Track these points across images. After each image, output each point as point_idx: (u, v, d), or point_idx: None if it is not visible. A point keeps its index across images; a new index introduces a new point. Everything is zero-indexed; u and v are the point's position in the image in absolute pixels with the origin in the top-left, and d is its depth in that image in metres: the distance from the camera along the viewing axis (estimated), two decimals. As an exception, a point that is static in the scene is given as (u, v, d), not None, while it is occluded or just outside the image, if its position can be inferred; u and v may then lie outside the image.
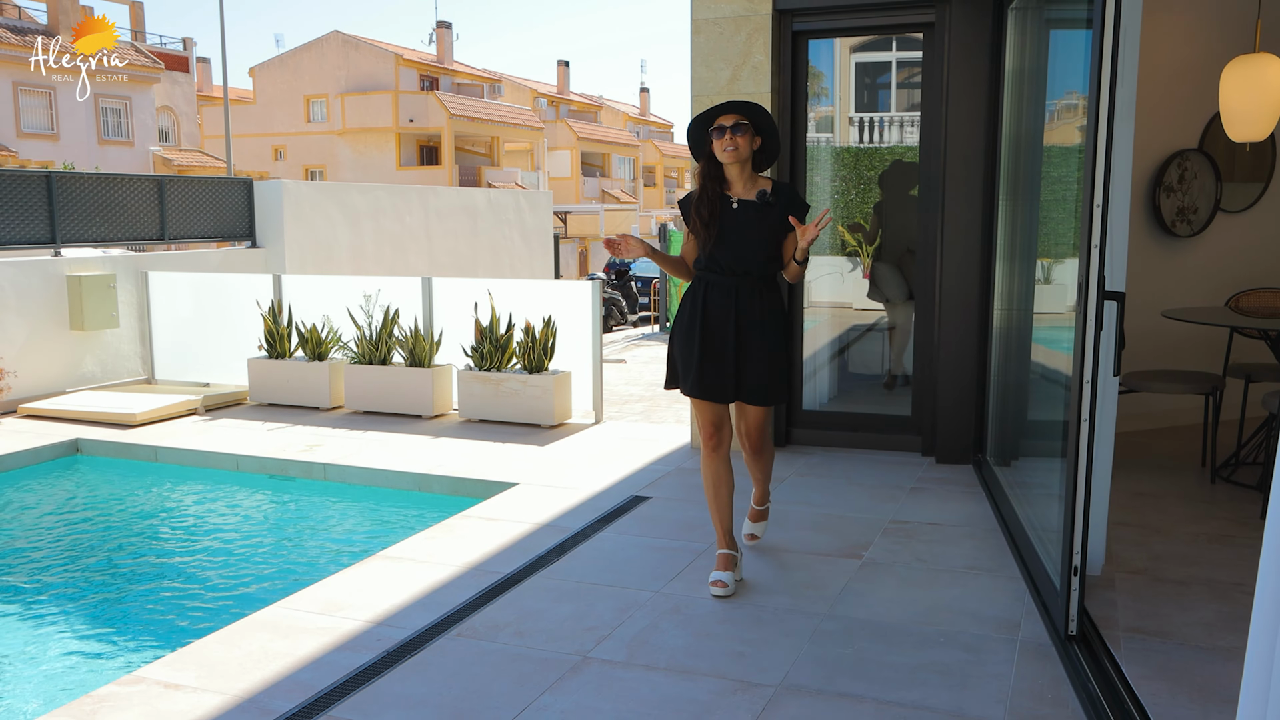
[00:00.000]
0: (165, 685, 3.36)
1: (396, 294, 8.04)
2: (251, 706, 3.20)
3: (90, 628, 4.49)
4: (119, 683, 3.40)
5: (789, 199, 3.97)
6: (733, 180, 3.98)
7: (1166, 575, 4.13)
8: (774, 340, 3.99)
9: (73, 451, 7.03)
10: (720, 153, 3.90)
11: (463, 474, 6.11)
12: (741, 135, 3.88)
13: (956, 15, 5.80)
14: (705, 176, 3.98)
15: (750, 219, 3.92)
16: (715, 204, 3.93)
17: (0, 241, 8.05)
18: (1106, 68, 3.23)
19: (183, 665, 3.51)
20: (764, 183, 4.00)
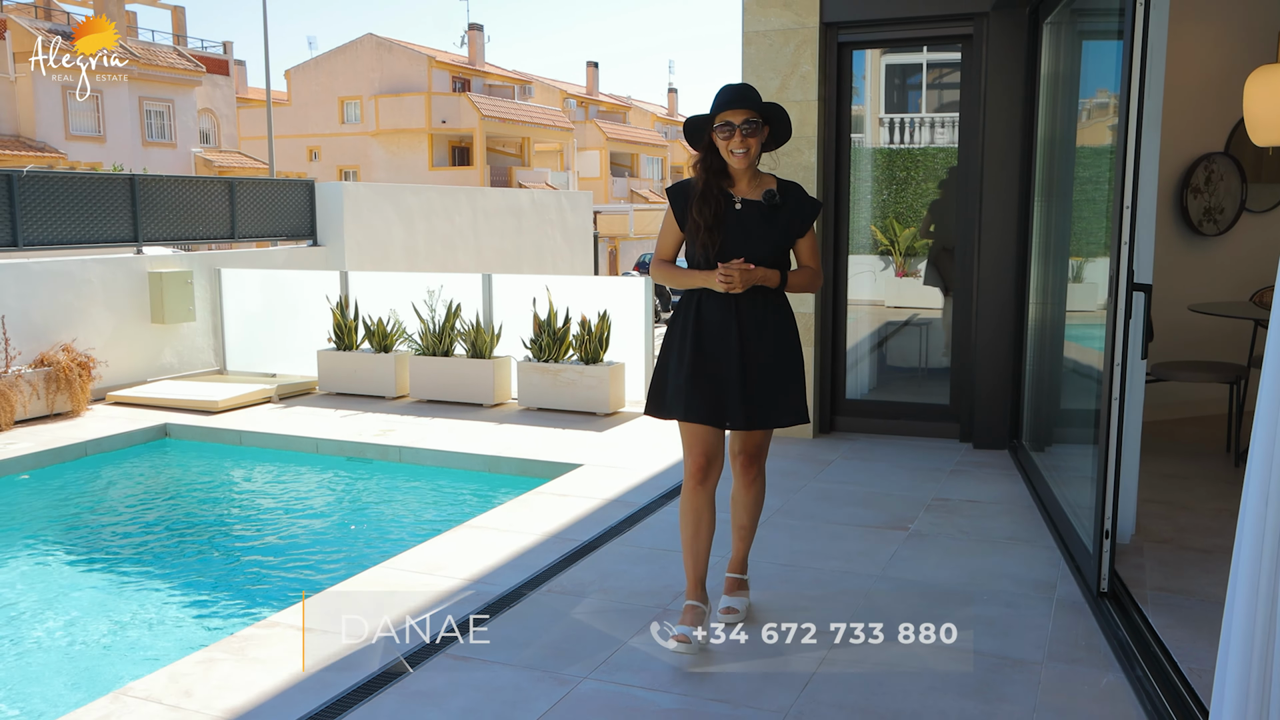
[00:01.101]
0: (296, 628, 3.82)
1: (457, 289, 8.50)
2: (380, 643, 3.65)
3: (196, 592, 4.95)
4: (258, 625, 3.87)
5: (798, 200, 3.55)
6: (736, 176, 3.51)
7: (1191, 544, 4.51)
8: (785, 352, 3.55)
9: (162, 435, 7.53)
10: (728, 154, 3.44)
11: (529, 456, 6.56)
12: (753, 135, 3.42)
13: (994, 29, 6.19)
14: (708, 170, 3.48)
15: (755, 221, 3.47)
16: (720, 205, 3.45)
17: (90, 240, 8.59)
18: (1135, 80, 3.63)
19: (312, 615, 3.97)
20: (768, 181, 3.55)
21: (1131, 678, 3.29)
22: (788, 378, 3.55)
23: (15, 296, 7.82)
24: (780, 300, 3.56)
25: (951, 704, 3.16)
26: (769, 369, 3.50)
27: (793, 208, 3.52)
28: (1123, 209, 3.67)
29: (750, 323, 3.48)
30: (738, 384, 3.46)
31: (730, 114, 3.41)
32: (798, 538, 4.78)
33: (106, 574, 5.15)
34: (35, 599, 4.81)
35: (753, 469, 3.72)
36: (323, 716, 3.12)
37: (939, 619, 3.78)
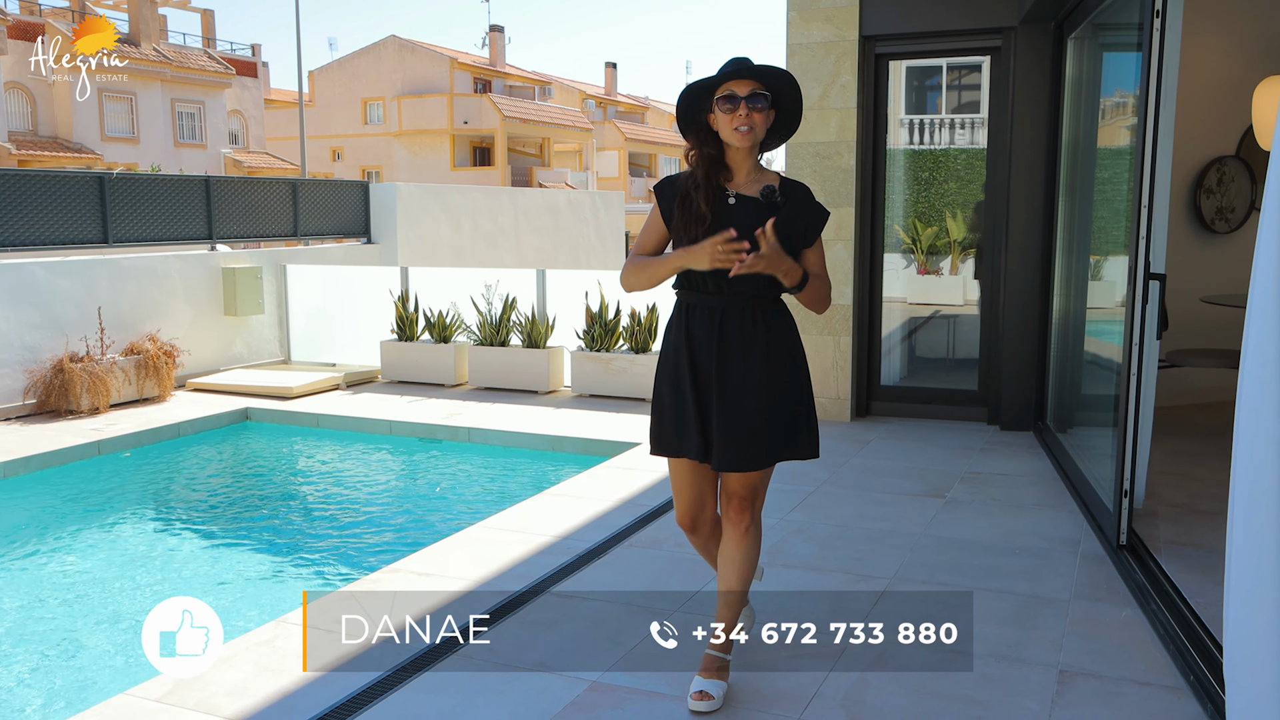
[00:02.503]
0: (417, 574, 4.39)
1: (512, 284, 9.08)
2: (489, 588, 4.22)
3: (300, 555, 5.52)
4: (383, 572, 4.44)
5: (804, 204, 2.99)
6: (734, 167, 2.98)
7: (1201, 508, 5.03)
8: (778, 375, 2.98)
9: (243, 419, 8.12)
10: (729, 131, 2.89)
11: (589, 435, 7.12)
12: (758, 110, 2.89)
13: (1021, 42, 6.71)
14: (704, 158, 2.95)
15: (750, 221, 2.87)
16: (712, 197, 2.92)
17: (169, 238, 9.20)
18: (1153, 90, 4.16)
19: (425, 562, 4.54)
20: (770, 176, 3.02)
21: (1147, 611, 3.82)
22: (780, 405, 2.98)
23: (107, 290, 8.43)
24: (777, 312, 3.02)
25: (994, 629, 3.71)
26: (752, 395, 2.94)
27: (796, 211, 2.95)
28: (1140, 206, 4.20)
29: (735, 339, 2.95)
30: (710, 413, 2.95)
31: (735, 84, 2.88)
32: (846, 504, 5.33)
33: (213, 538, 5.73)
34: (160, 556, 5.40)
35: (743, 517, 3.07)
36: (503, 607, 3.69)
37: (977, 571, 4.32)
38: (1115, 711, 3.11)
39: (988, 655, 3.50)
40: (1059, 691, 3.23)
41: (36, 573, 5.16)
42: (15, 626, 4.46)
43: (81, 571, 5.17)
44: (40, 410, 7.84)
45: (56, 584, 5.01)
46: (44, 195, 8.15)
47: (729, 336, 2.96)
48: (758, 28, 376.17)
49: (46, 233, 8.16)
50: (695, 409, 2.97)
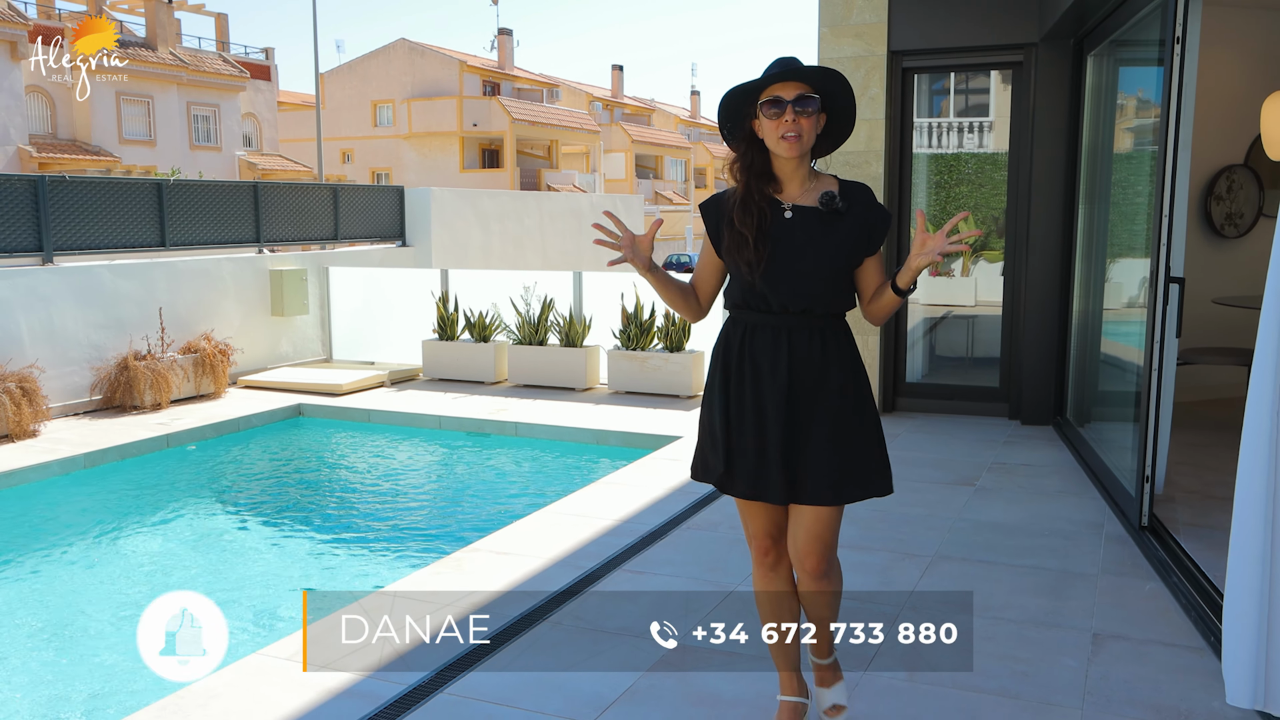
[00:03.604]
0: (497, 553, 4.78)
1: (548, 285, 9.48)
2: (565, 564, 4.61)
3: (373, 542, 5.91)
4: (463, 550, 4.83)
5: (868, 207, 2.74)
6: (784, 178, 2.74)
7: (1216, 494, 5.42)
8: (854, 404, 2.76)
9: (296, 414, 8.52)
10: (774, 139, 2.65)
11: (631, 430, 7.51)
12: (807, 116, 2.63)
13: (1042, 58, 7.10)
14: (747, 171, 2.73)
15: (811, 233, 2.70)
16: (764, 212, 2.71)
17: (220, 241, 9.61)
18: (1174, 107, 4.55)
19: (503, 542, 4.94)
20: (828, 181, 2.78)
21: (1169, 584, 4.21)
22: (859, 433, 2.76)
23: (165, 291, 8.83)
24: (844, 331, 2.80)
25: (1031, 600, 4.10)
26: (833, 425, 2.72)
27: (860, 216, 2.72)
28: (1161, 215, 4.59)
29: (806, 363, 2.72)
30: (779, 449, 2.71)
31: (780, 87, 2.64)
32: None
33: (290, 525, 6.13)
34: (244, 539, 5.80)
35: (819, 564, 2.82)
36: (581, 581, 4.08)
37: (1010, 550, 4.71)
38: (1145, 667, 3.49)
39: (1026, 621, 3.89)
40: (1094, 651, 3.62)
41: (128, 552, 5.56)
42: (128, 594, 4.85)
43: (166, 553, 5.57)
44: (107, 405, 8.24)
45: (147, 562, 5.41)
46: (107, 201, 8.56)
47: (800, 359, 2.70)
48: (764, 31, 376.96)
49: (110, 236, 8.57)
50: (767, 444, 2.70)
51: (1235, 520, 2.90)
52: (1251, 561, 2.83)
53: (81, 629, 4.56)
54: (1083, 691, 3.32)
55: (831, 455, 2.71)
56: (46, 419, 7.51)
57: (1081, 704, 3.24)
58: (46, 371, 7.76)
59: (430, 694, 3.35)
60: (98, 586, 5.11)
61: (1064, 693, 3.31)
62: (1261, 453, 2.79)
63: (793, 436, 2.72)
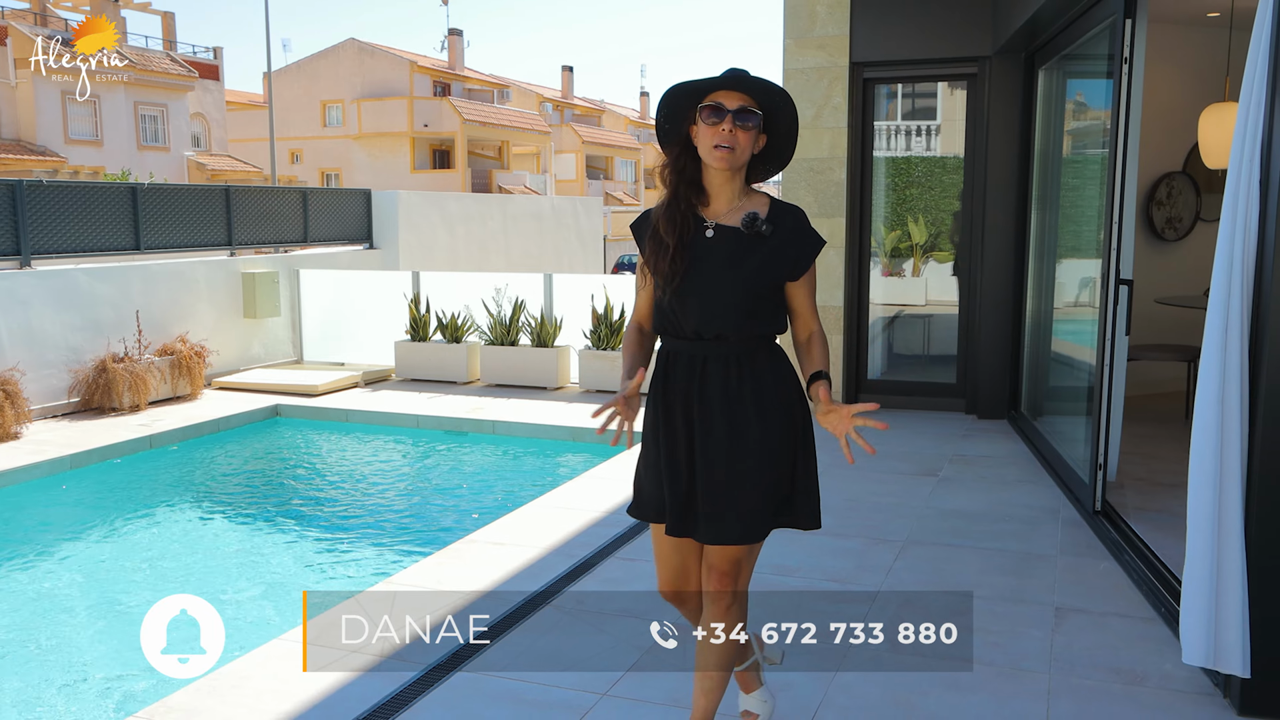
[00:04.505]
0: (492, 544, 5.02)
1: (519, 287, 9.70)
2: (560, 553, 4.86)
3: (372, 537, 6.10)
4: (460, 542, 5.06)
5: (795, 231, 2.57)
6: (713, 192, 2.57)
7: (1162, 481, 5.82)
8: (767, 441, 2.56)
9: (274, 415, 8.66)
10: (707, 147, 2.49)
11: (606, 427, 7.76)
12: (745, 129, 2.48)
13: (995, 69, 7.49)
14: (678, 176, 2.57)
15: (729, 253, 2.52)
16: (687, 222, 2.54)
17: (193, 244, 9.70)
18: (1123, 119, 4.91)
19: (497, 533, 5.17)
20: (758, 201, 2.60)
21: (1122, 562, 4.57)
22: (771, 471, 2.58)
23: (141, 293, 8.92)
24: (771, 360, 2.60)
25: (997, 579, 4.43)
26: (738, 459, 2.54)
27: (784, 240, 2.54)
28: (1112, 221, 4.95)
29: (717, 392, 2.54)
30: (690, 478, 2.57)
31: (725, 95, 2.49)
32: (853, 482, 6.03)
33: (281, 521, 6.30)
34: (235, 538, 5.97)
35: (724, 594, 2.64)
36: (606, 549, 4.33)
37: (976, 535, 5.05)
38: (1103, 636, 3.84)
39: (995, 598, 4.22)
40: (1057, 623, 3.96)
41: (125, 551, 5.70)
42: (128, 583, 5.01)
43: (164, 552, 5.72)
44: (85, 407, 8.31)
45: (144, 563, 5.56)
46: (84, 205, 8.63)
47: (711, 390, 2.54)
48: (713, 32, 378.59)
49: (86, 240, 8.64)
50: (672, 473, 2.56)
51: (1190, 503, 3.23)
52: (1203, 541, 3.16)
53: (73, 626, 4.72)
54: (1049, 658, 3.65)
55: (733, 490, 2.53)
56: (28, 421, 7.58)
57: (1049, 669, 3.56)
58: (26, 374, 7.82)
59: (449, 672, 3.58)
60: (93, 586, 5.25)
61: (1032, 659, 3.64)
62: (1210, 440, 3.13)
63: (695, 466, 2.55)
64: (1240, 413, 3.11)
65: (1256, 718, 3.18)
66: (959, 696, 3.38)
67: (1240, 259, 3.11)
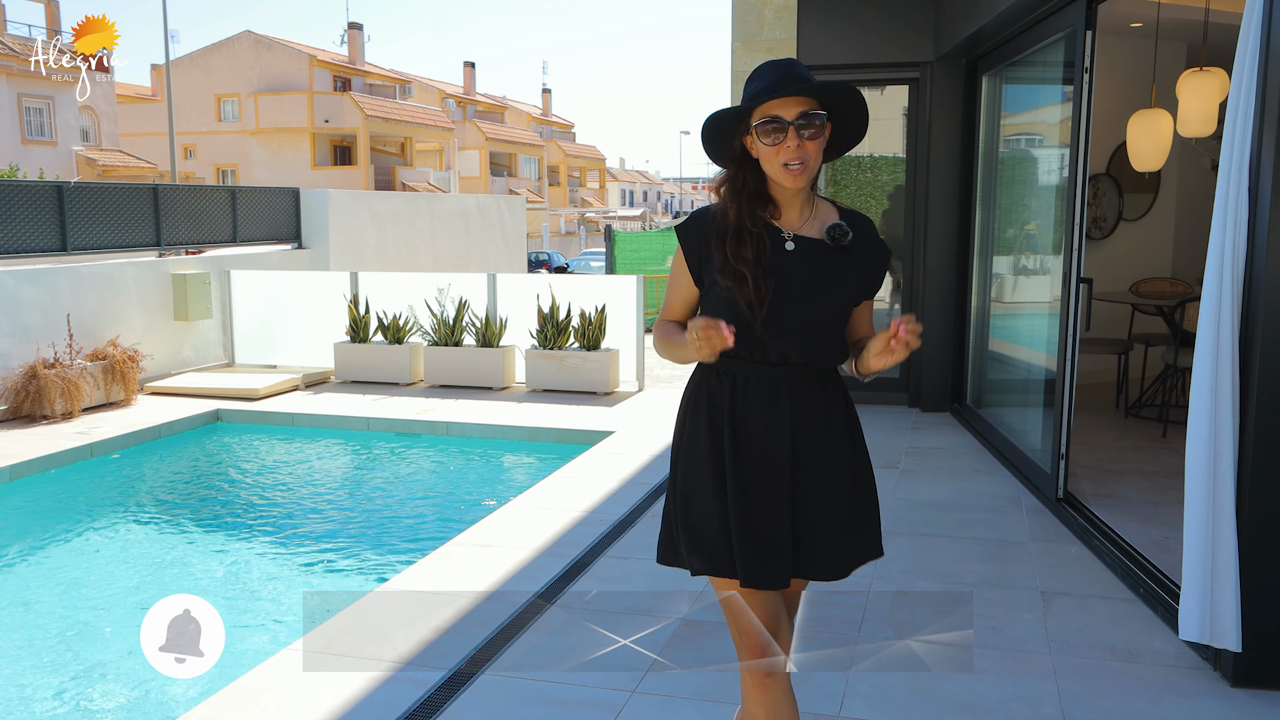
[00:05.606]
0: (481, 546, 5.01)
1: (461, 287, 9.64)
2: (551, 554, 4.88)
3: (342, 545, 6.01)
4: (447, 545, 5.04)
5: (870, 239, 2.37)
6: (783, 203, 2.33)
7: (1109, 468, 6.12)
8: (860, 466, 2.44)
9: (214, 420, 8.43)
10: (775, 167, 2.24)
11: (562, 426, 7.79)
12: (813, 137, 2.22)
13: (937, 74, 7.75)
14: (739, 195, 2.30)
15: (815, 270, 2.29)
16: (762, 241, 2.27)
17: (122, 245, 9.36)
18: (1082, 134, 5.17)
19: (483, 535, 5.16)
20: (827, 209, 2.38)
21: (1091, 547, 4.82)
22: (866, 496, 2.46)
23: (70, 297, 8.57)
24: (839, 385, 2.42)
25: (978, 566, 4.62)
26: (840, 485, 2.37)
27: (863, 252, 2.34)
28: (1073, 225, 5.20)
29: (810, 420, 2.32)
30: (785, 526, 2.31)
31: (779, 104, 2.21)
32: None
33: (236, 533, 6.17)
34: (188, 551, 5.82)
35: (790, 632, 2.43)
36: (596, 548, 4.36)
37: (948, 524, 5.25)
38: (1091, 617, 4.05)
39: (982, 584, 4.41)
40: (1045, 606, 4.16)
41: (78, 563, 5.51)
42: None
43: (128, 561, 5.56)
44: (14, 416, 7.96)
45: (101, 578, 5.39)
46: (6, 204, 8.25)
47: (804, 422, 2.31)
48: (615, 26, 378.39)
49: (9, 241, 8.27)
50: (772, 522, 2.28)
51: (1188, 492, 3.43)
52: (1199, 528, 3.38)
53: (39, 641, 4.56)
54: (1047, 640, 3.84)
55: (839, 527, 2.36)
56: (-43, 431, 7.25)
57: (1049, 650, 3.75)
58: (-49, 383, 7.48)
59: (472, 676, 3.59)
60: (49, 601, 5.07)
61: (1031, 642, 3.82)
62: (1204, 429, 3.34)
63: (798, 511, 2.32)
64: (1232, 402, 3.32)
65: (1249, 688, 3.41)
66: (973, 680, 3.53)
67: (1230, 258, 3.31)
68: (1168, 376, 7.27)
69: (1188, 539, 3.42)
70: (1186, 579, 3.41)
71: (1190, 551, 3.41)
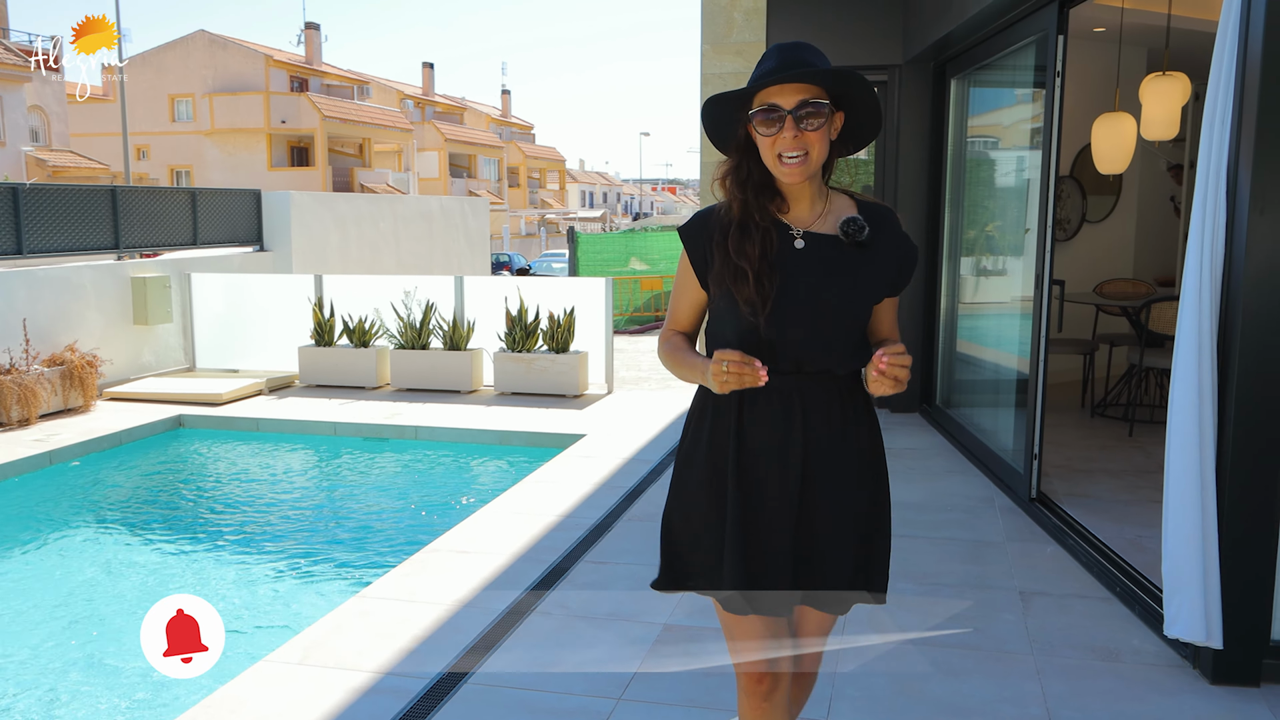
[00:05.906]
0: (457, 552, 4.95)
1: (428, 289, 9.54)
2: (528, 559, 4.83)
3: (315, 552, 5.91)
4: (425, 550, 4.97)
5: (893, 237, 2.20)
6: (791, 196, 2.17)
7: (1078, 467, 6.18)
8: (877, 493, 2.25)
9: (176, 426, 8.27)
10: (771, 159, 2.10)
11: (532, 429, 7.74)
12: (814, 128, 2.06)
13: (905, 77, 7.80)
14: (743, 186, 2.16)
15: (828, 269, 2.13)
16: (768, 236, 2.12)
17: (79, 248, 9.15)
18: (1054, 137, 5.21)
19: (459, 541, 5.10)
20: (843, 202, 2.21)
21: (1066, 546, 4.86)
22: (873, 535, 2.26)
23: (25, 300, 8.37)
24: (861, 395, 2.23)
25: (957, 566, 4.64)
26: (844, 512, 2.19)
27: (887, 249, 2.17)
28: (1045, 228, 5.25)
29: (824, 432, 2.16)
30: (789, 551, 2.17)
31: (777, 91, 2.06)
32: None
33: (205, 540, 6.06)
34: (156, 557, 5.70)
35: (813, 677, 2.51)
36: (573, 553, 4.31)
37: (924, 525, 5.27)
38: (1070, 617, 4.07)
39: (962, 585, 4.43)
40: (1024, 606, 4.18)
41: (43, 577, 5.38)
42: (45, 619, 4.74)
43: (101, 568, 5.43)
44: (-32, 423, 7.77)
45: (65, 590, 5.26)
46: (-41, 206, 8.05)
47: (816, 439, 2.15)
48: (574, 28, 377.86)
49: (-37, 244, 8.07)
50: (771, 534, 2.15)
51: (1167, 494, 3.45)
52: (1180, 527, 3.41)
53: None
54: (1028, 640, 3.85)
55: (855, 544, 2.20)
56: (-91, 440, 7.04)
57: (1031, 650, 3.77)
58: (-98, 389, 7.27)
59: (455, 686, 3.53)
60: (8, 615, 4.94)
61: (1014, 642, 3.84)
62: (1189, 428, 3.37)
63: (811, 523, 2.16)
64: (1213, 402, 3.35)
65: (1228, 685, 3.45)
66: (958, 681, 3.54)
67: (1209, 260, 3.34)
68: (1133, 376, 7.37)
69: (1169, 538, 3.45)
70: (1170, 578, 3.44)
71: (1172, 550, 3.44)
